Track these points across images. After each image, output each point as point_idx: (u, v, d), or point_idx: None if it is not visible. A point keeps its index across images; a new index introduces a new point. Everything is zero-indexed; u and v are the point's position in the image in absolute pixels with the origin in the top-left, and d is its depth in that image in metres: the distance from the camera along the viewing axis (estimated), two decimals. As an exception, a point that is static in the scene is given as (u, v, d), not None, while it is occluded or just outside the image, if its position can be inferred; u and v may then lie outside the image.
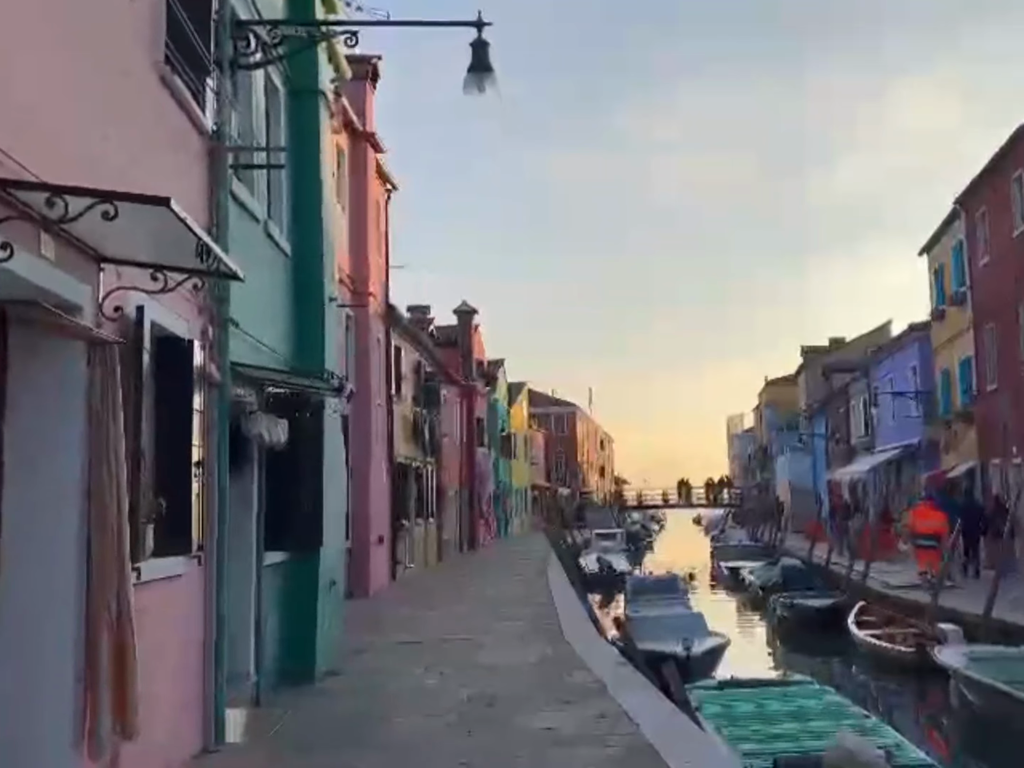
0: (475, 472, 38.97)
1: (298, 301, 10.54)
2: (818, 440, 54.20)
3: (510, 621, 14.88)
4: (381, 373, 22.95)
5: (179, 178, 6.89)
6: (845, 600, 21.08)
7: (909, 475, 34.05)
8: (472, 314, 39.69)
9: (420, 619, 15.43)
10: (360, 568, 19.55)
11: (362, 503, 19.84)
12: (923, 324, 32.78)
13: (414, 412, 27.13)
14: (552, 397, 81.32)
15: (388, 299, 23.83)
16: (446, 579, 23.95)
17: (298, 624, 9.98)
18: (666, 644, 13.77)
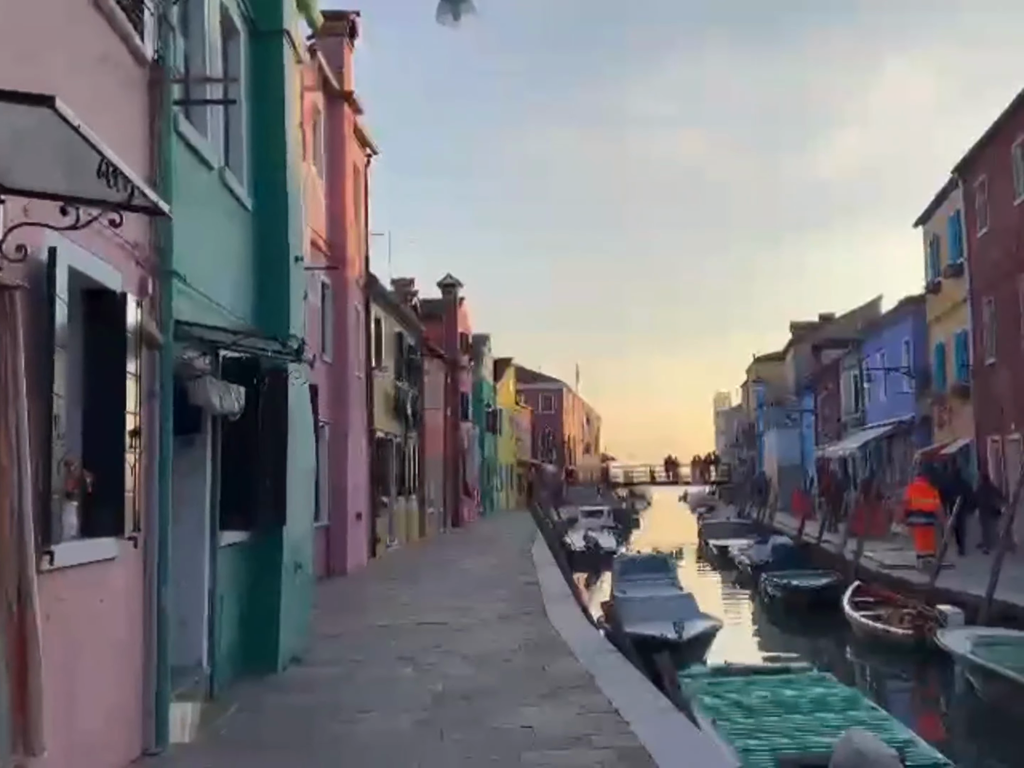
0: (459, 448, 38.23)
1: (261, 260, 9.72)
2: (807, 417, 53.68)
3: (492, 602, 14.16)
4: (360, 344, 22.12)
5: (111, 108, 6.05)
6: (839, 580, 20.45)
7: (901, 452, 33.45)
8: (457, 287, 38.82)
9: (397, 600, 14.69)
10: (337, 546, 18.83)
11: (339, 479, 19.08)
12: (917, 298, 32.10)
13: (396, 386, 26.33)
14: (539, 373, 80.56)
15: (368, 268, 22.99)
16: (428, 557, 23.23)
17: (259, 609, 9.21)
18: (656, 627, 13.09)
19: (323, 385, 18.86)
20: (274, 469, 9.12)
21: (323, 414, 18.64)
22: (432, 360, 33.58)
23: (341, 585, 16.87)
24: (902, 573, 19.72)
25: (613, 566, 17.06)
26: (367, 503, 22.06)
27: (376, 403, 23.69)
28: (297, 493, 9.93)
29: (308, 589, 10.57)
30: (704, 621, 14.48)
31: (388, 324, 25.61)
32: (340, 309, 19.73)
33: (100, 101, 5.84)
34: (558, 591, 15.27)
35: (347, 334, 19.94)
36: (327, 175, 19.50)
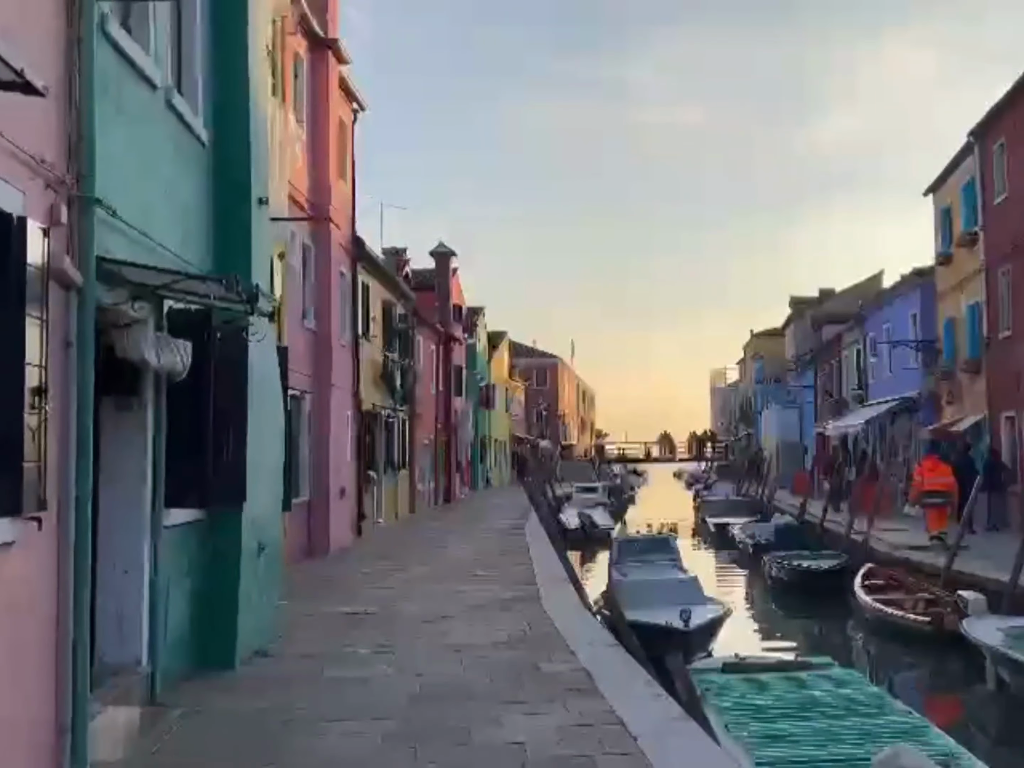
0: (452, 422, 37.15)
1: (218, 200, 8.56)
2: (806, 393, 52.69)
3: (482, 585, 13.12)
4: (346, 311, 20.97)
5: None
6: (847, 562, 19.43)
7: (905, 429, 32.41)
8: (450, 256, 37.57)
9: (381, 583, 13.64)
10: (319, 524, 17.76)
11: (322, 453, 17.98)
12: (926, 270, 30.97)
13: (384, 356, 25.20)
14: (533, 348, 79.42)
15: (355, 230, 21.79)
16: (416, 535, 22.18)
17: (214, 598, 8.13)
18: (660, 614, 12.03)
19: (304, 353, 17.75)
20: (232, 438, 8.01)
21: (304, 383, 17.55)
22: (424, 331, 32.44)
23: (321, 566, 15.81)
24: (913, 554, 18.73)
25: (611, 547, 16.00)
26: (352, 478, 20.97)
27: (363, 374, 22.56)
28: (261, 466, 8.83)
29: (275, 573, 9.50)
30: (712, 607, 13.42)
31: (376, 291, 24.44)
32: (323, 272, 18.56)
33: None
34: (553, 573, 14.21)
35: (331, 299, 18.79)
36: (309, 128, 18.28)
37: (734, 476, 63.17)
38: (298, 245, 17.44)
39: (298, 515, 17.03)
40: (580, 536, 30.92)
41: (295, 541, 16.69)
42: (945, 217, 28.51)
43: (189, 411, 7.34)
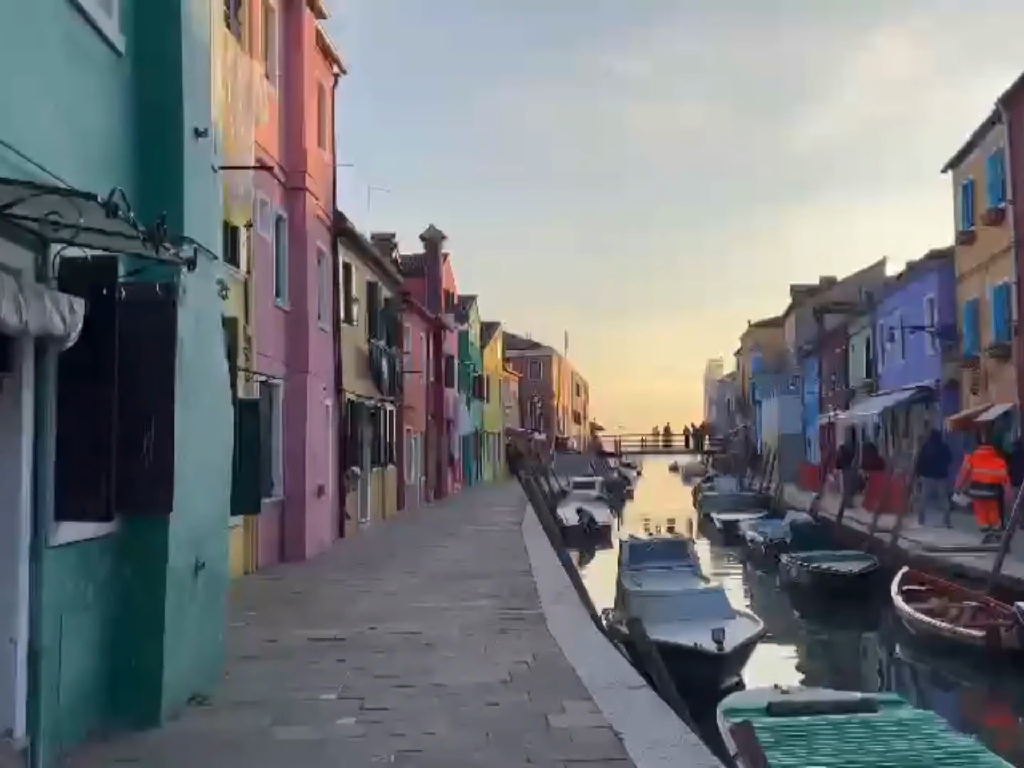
0: (443, 414, 35.34)
1: (138, 127, 6.76)
2: (809, 383, 51.04)
3: (475, 600, 11.34)
4: (326, 292, 19.17)
5: None
6: (877, 565, 17.71)
7: (921, 420, 30.71)
8: (440, 239, 35.70)
9: (357, 597, 11.86)
10: (294, 526, 15.98)
11: (296, 446, 16.18)
12: (944, 251, 29.24)
13: (370, 343, 23.37)
14: (527, 340, 77.62)
15: (335, 204, 19.97)
16: (404, 536, 20.40)
17: (132, 634, 6.34)
18: (685, 632, 10.29)
19: (277, 335, 15.96)
20: (156, 430, 6.23)
21: (276, 369, 15.74)
22: (413, 318, 30.61)
23: (293, 576, 14.01)
24: (951, 556, 17.02)
25: (620, 551, 14.22)
26: (334, 475, 19.19)
27: (346, 361, 20.76)
28: (200, 465, 7.05)
29: (218, 597, 7.70)
30: (743, 623, 11.66)
31: (360, 272, 22.61)
32: (298, 246, 16.73)
33: None
34: (556, 584, 12.45)
35: (307, 277, 16.96)
36: (282, 87, 16.45)
37: (732, 469, 61.61)
38: (270, 216, 15.62)
39: (270, 517, 15.26)
40: (579, 533, 29.21)
41: (266, 546, 14.93)
42: (967, 193, 26.76)
43: (88, 394, 5.55)
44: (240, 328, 14.09)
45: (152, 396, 6.24)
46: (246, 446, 13.62)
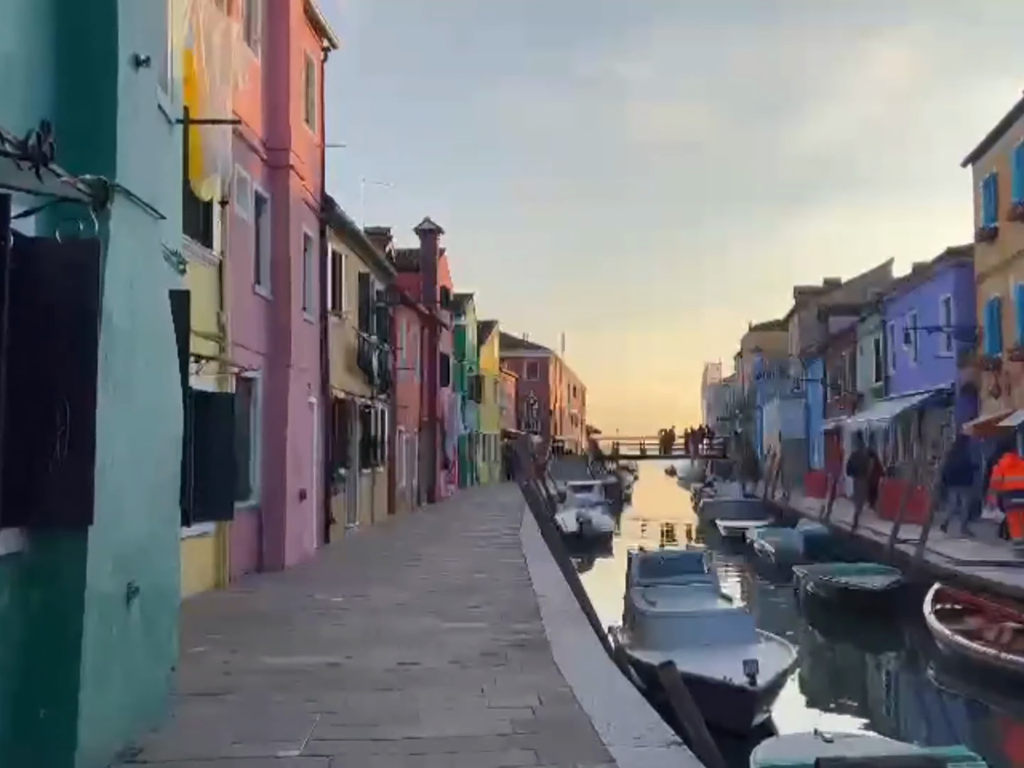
0: (437, 414, 34.03)
1: (61, 49, 5.46)
2: (812, 387, 49.82)
3: (470, 623, 10.03)
4: (312, 281, 17.87)
5: None
6: (902, 580, 16.44)
7: (936, 425, 29.47)
8: (436, 233, 34.39)
9: (338, 615, 10.55)
10: (273, 534, 14.67)
11: (276, 448, 14.87)
12: (962, 249, 28.01)
13: (360, 338, 22.07)
14: (523, 340, 76.32)
15: (324, 188, 18.67)
16: (393, 544, 19.10)
17: (37, 681, 5.04)
18: (709, 661, 9.02)
19: (256, 326, 14.66)
20: (70, 420, 4.93)
21: (255, 362, 14.44)
22: (407, 313, 29.31)
23: (268, 590, 12.70)
24: (979, 570, 15.77)
25: (629, 565, 12.89)
26: (318, 477, 17.89)
27: (334, 356, 19.48)
28: (132, 466, 5.75)
29: (162, 626, 6.39)
30: (774, 651, 10.36)
31: (352, 262, 21.33)
32: (280, 230, 15.44)
33: None
34: (560, 601, 11.16)
35: (292, 264, 15.66)
36: (265, 55, 15.16)
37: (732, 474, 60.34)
38: (249, 193, 14.32)
39: (246, 524, 13.96)
40: (579, 540, 27.91)
41: (241, 556, 13.62)
42: (989, 188, 25.51)
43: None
44: (214, 315, 12.81)
45: (66, 380, 4.95)
46: (218, 445, 12.33)
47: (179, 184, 8.08)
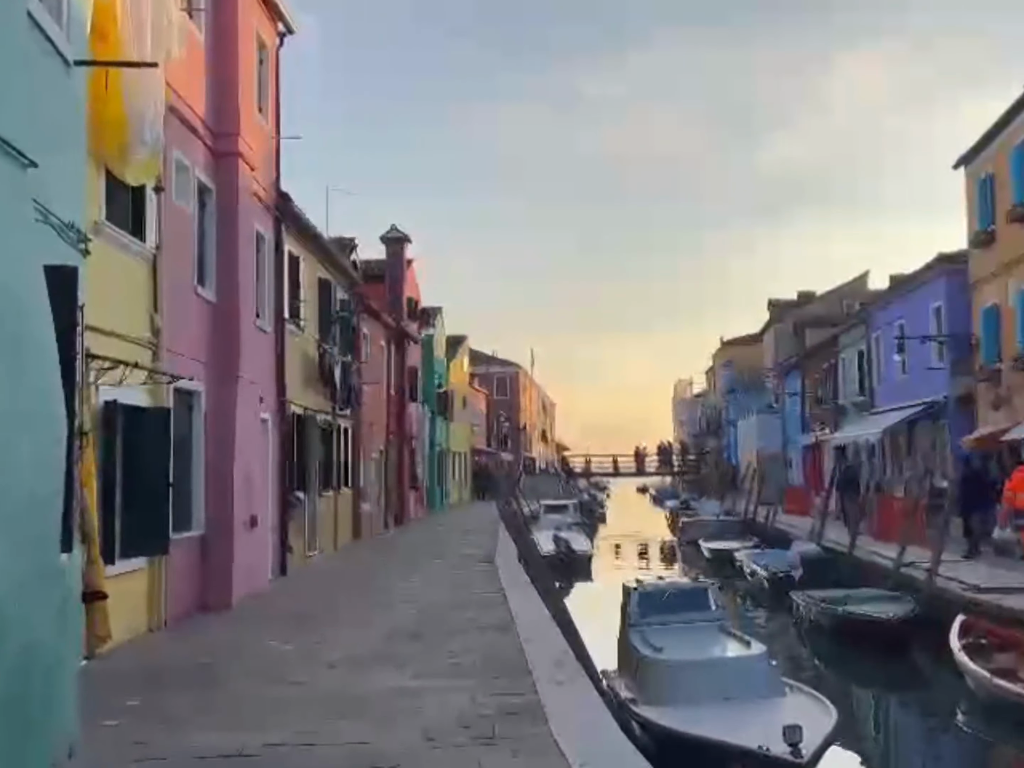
0: (406, 432, 32.33)
1: None
2: (790, 401, 48.58)
3: (446, 677, 8.38)
4: (266, 285, 16.22)
5: None
6: (917, 609, 14.98)
7: (927, 439, 28.20)
8: (404, 242, 32.77)
9: (286, 670, 8.86)
10: (218, 567, 12.94)
11: (223, 469, 13.15)
12: (953, 255, 26.80)
13: (321, 349, 20.39)
14: (492, 356, 74.80)
15: (279, 184, 17.04)
16: (358, 573, 17.39)
17: None
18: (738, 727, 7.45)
19: (199, 332, 12.98)
20: None
21: (197, 373, 12.75)
22: (373, 325, 27.63)
23: (209, 635, 10.98)
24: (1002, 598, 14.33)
25: (627, 601, 11.19)
26: (274, 502, 16.19)
27: (291, 368, 17.81)
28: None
29: (32, 703, 4.71)
30: (807, 706, 8.81)
31: (310, 266, 19.66)
32: (228, 225, 13.76)
33: None
34: (549, 646, 9.54)
35: (240, 264, 13.99)
36: (210, 31, 13.53)
37: (708, 491, 59.10)
38: (190, 182, 12.65)
39: (187, 557, 12.25)
40: (556, 563, 26.30)
41: (181, 594, 11.89)
42: (984, 190, 24.32)
43: None
44: (145, 316, 11.13)
45: None
46: (151, 468, 10.65)
47: (79, 141, 6.49)
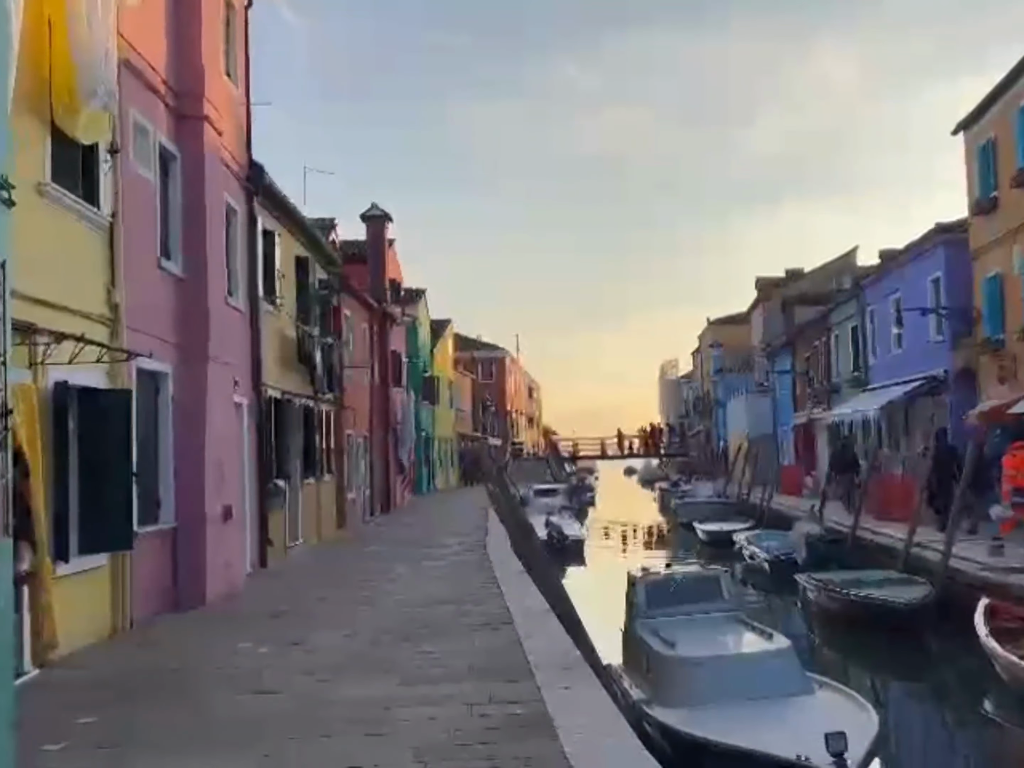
0: (391, 416, 31.39)
1: None
2: (781, 381, 47.82)
3: (439, 684, 7.49)
4: (239, 261, 15.25)
5: None
6: (934, 592, 14.19)
7: (925, 415, 27.45)
8: (385, 220, 31.73)
9: (260, 678, 7.94)
10: (190, 563, 12.00)
11: (193, 458, 12.18)
12: (952, 225, 26.00)
13: (300, 331, 19.40)
14: (478, 341, 73.83)
15: (250, 153, 16.03)
16: (341, 565, 16.48)
17: None
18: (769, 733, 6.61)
19: (164, 309, 12.01)
20: None
21: (163, 354, 11.78)
22: (354, 306, 26.64)
23: (178, 638, 10.06)
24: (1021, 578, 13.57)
25: (632, 591, 10.30)
26: (249, 491, 15.25)
27: (268, 350, 16.86)
28: None
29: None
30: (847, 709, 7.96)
31: (287, 244, 18.66)
32: (195, 196, 12.73)
33: None
34: (554, 648, 8.62)
35: (209, 238, 12.98)
36: (169, -18, 12.49)
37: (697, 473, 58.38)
38: (151, 146, 11.64)
39: (155, 553, 11.32)
40: (547, 549, 25.44)
41: (148, 592, 10.96)
42: (986, 155, 23.49)
43: None
44: (102, 290, 10.16)
45: None
46: (110, 456, 9.69)
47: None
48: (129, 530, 9.86)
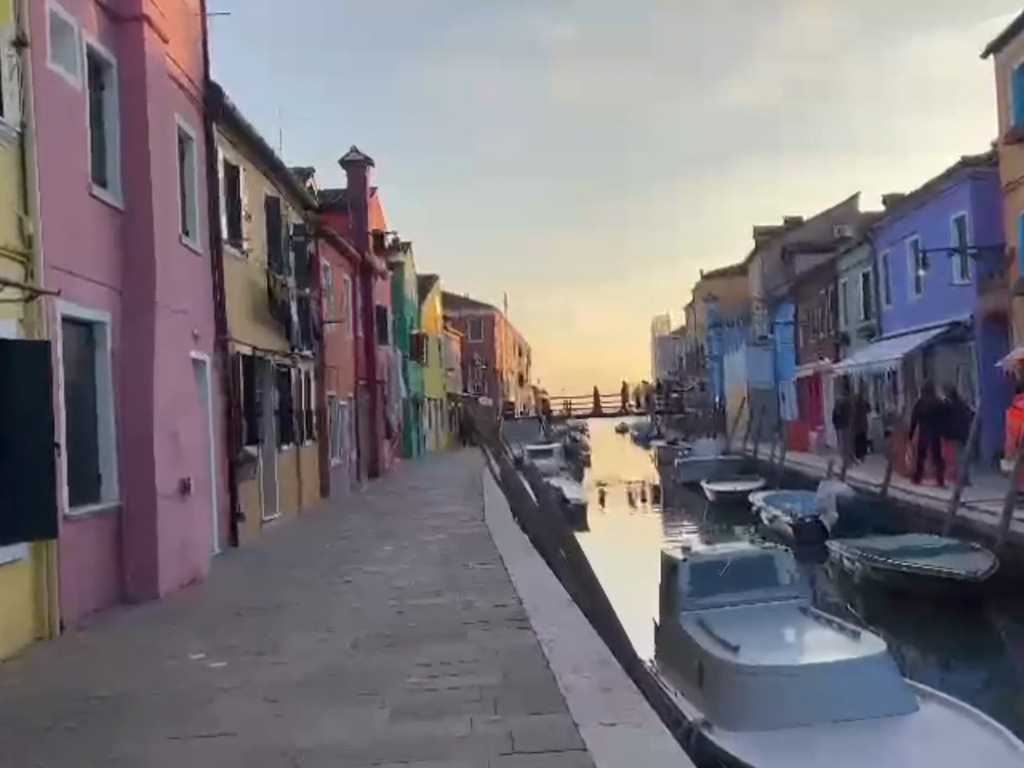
0: (377, 375, 29.43)
1: None
2: (781, 332, 46.01)
3: (438, 720, 5.66)
4: (195, 195, 13.21)
5: None
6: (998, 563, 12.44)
7: (950, 364, 25.68)
8: (366, 166, 29.53)
9: (204, 707, 6.10)
10: (140, 548, 10.10)
11: (134, 421, 10.24)
12: (980, 159, 24.05)
13: (272, 279, 17.39)
14: (466, 298, 71.77)
15: (208, 74, 13.94)
16: (321, 543, 14.61)
17: None
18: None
19: (99, 245, 9.99)
20: None
21: (98, 298, 9.80)
22: (334, 256, 24.59)
23: (117, 642, 8.20)
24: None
25: (672, 575, 8.46)
26: (215, 460, 13.34)
27: (234, 300, 14.87)
28: None
29: None
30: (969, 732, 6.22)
31: (254, 181, 16.60)
32: (135, 112, 10.68)
33: None
34: (587, 656, 6.78)
35: (154, 164, 10.94)
36: None
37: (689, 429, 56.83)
38: (77, 48, 9.58)
39: (97, 537, 9.43)
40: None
41: (86, 587, 9.07)
42: (1020, 79, 21.53)
43: None
44: (11, 218, 8.16)
45: None
46: (21, 424, 7.78)
47: None
48: (50, 512, 7.96)
